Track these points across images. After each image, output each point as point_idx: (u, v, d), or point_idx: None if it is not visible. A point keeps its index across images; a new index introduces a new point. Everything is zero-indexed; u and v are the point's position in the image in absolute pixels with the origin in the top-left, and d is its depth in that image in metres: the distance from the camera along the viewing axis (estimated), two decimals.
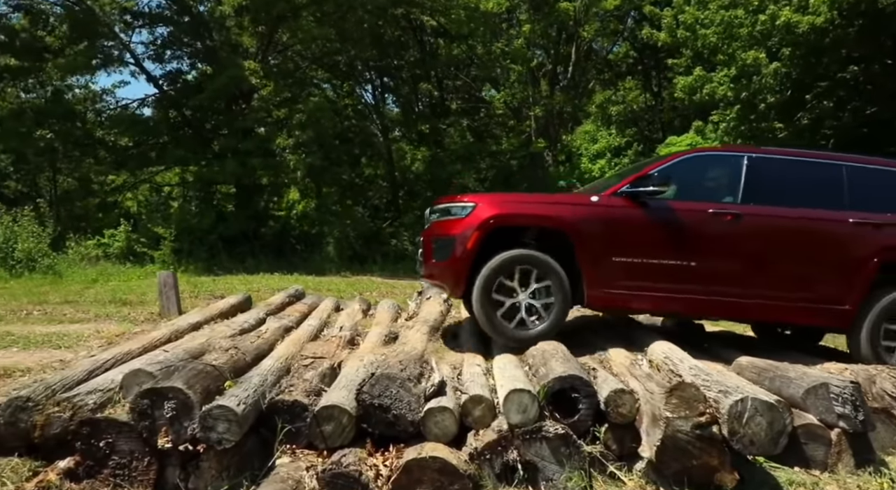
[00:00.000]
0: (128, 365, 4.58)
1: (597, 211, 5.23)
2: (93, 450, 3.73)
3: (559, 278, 5.09)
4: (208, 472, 3.79)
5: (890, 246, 5.32)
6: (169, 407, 3.71)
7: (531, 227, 5.31)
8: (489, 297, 5.07)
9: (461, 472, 3.72)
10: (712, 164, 5.83)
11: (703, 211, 5.29)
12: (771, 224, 5.32)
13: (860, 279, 5.26)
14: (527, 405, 3.82)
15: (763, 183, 5.43)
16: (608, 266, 5.19)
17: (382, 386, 4.08)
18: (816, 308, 5.36)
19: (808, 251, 5.33)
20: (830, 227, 5.36)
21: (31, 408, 3.88)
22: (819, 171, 5.65)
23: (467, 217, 5.18)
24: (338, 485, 3.65)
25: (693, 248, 5.24)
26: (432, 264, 5.46)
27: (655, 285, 5.27)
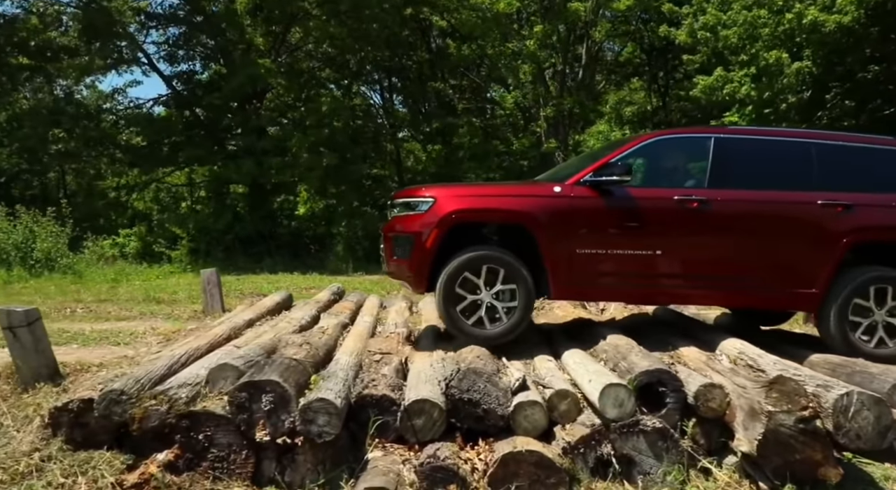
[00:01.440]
0: (206, 359, 4.59)
1: (559, 202, 5.05)
2: (192, 443, 3.74)
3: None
4: (304, 465, 3.80)
5: (860, 227, 5.13)
6: (267, 400, 3.72)
7: (493, 221, 5.20)
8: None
9: (557, 466, 3.73)
10: (678, 148, 5.61)
11: (668, 198, 5.12)
12: (738, 209, 5.15)
13: (829, 261, 5.10)
14: (623, 399, 3.83)
15: (731, 165, 5.27)
16: (573, 258, 5.04)
17: (470, 380, 4.09)
18: (786, 292, 5.23)
19: (776, 235, 5.17)
20: (799, 209, 5.18)
21: (124, 401, 3.88)
22: (788, 150, 5.45)
23: (427, 212, 5.02)
24: (437, 478, 3.66)
25: (659, 237, 5.10)
26: (394, 262, 5.31)
27: (622, 276, 5.17)
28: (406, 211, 5.21)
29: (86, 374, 4.77)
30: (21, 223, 17.54)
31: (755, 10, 15.18)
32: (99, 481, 3.68)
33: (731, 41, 16.08)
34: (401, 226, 5.20)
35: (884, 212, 5.22)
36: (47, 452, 3.86)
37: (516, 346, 5.27)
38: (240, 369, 4.21)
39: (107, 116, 22.93)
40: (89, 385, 4.28)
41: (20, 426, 4.11)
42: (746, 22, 15.25)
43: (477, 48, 27.97)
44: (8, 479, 3.65)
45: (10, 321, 4.38)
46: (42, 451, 3.87)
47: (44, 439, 3.98)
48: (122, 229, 21.81)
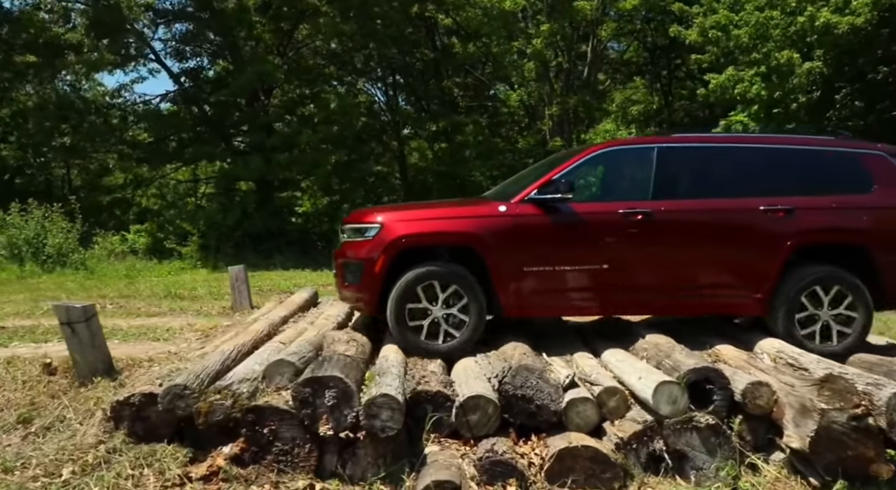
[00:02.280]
0: (258, 355, 4.68)
1: (504, 222, 5.06)
2: (257, 436, 3.84)
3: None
4: (364, 459, 3.90)
5: (802, 230, 5.15)
6: (330, 395, 3.82)
7: (440, 244, 5.19)
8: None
9: (612, 461, 3.84)
10: (622, 160, 5.61)
11: (613, 211, 5.12)
12: (682, 219, 5.17)
13: (773, 266, 5.13)
14: (676, 397, 3.94)
15: (674, 175, 5.31)
16: (521, 276, 5.06)
17: (523, 377, 4.20)
18: (734, 298, 5.27)
19: (720, 244, 5.21)
20: (741, 217, 5.20)
21: (187, 395, 3.98)
22: (729, 157, 5.49)
23: (374, 238, 5.04)
24: (496, 472, 3.77)
25: (606, 251, 5.10)
26: (345, 287, 5.34)
27: (571, 291, 5.20)
28: (355, 236, 5.24)
29: (138, 368, 4.86)
30: (33, 218, 17.59)
31: (767, 10, 15.25)
32: (166, 473, 3.77)
33: (742, 41, 16.16)
34: (351, 252, 5.23)
35: (825, 214, 5.25)
36: (111, 445, 3.96)
37: (555, 344, 5.37)
38: (296, 365, 4.30)
39: (114, 112, 22.92)
40: (146, 380, 4.38)
41: (82, 419, 4.19)
42: (758, 22, 15.32)
43: (482, 46, 28.04)
44: (79, 471, 3.74)
45: (69, 317, 4.47)
46: (106, 444, 3.97)
47: (106, 432, 4.08)
48: (131, 225, 21.83)
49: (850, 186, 5.36)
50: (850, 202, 5.28)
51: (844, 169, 5.44)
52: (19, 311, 8.01)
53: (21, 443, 4.00)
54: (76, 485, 3.66)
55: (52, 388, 4.48)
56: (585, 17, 25.87)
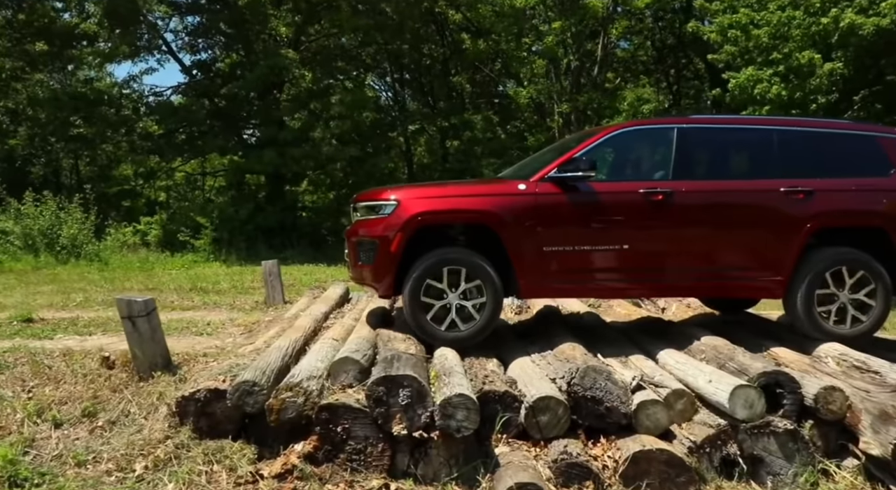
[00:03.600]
0: (317, 352, 4.64)
1: (524, 200, 4.96)
2: (330, 434, 3.81)
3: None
4: (436, 459, 3.87)
5: (821, 212, 5.14)
6: (404, 394, 3.79)
7: (458, 222, 5.11)
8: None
9: (687, 465, 3.81)
10: (642, 140, 5.58)
11: (633, 191, 5.06)
12: (703, 200, 5.14)
13: (793, 248, 5.11)
14: (753, 401, 3.91)
15: (694, 155, 5.29)
16: (540, 256, 4.97)
17: (591, 378, 4.16)
18: (753, 280, 5.25)
19: (740, 225, 5.18)
20: (762, 197, 5.17)
21: (256, 392, 3.94)
22: (749, 138, 5.49)
23: (390, 216, 4.90)
24: (572, 475, 3.74)
25: (626, 231, 5.05)
26: (359, 267, 5.19)
27: (591, 271, 5.13)
28: (369, 214, 5.12)
29: (194, 363, 4.82)
30: (48, 209, 17.54)
31: (789, 10, 15.19)
32: (238, 470, 3.74)
33: (762, 40, 16.10)
34: (364, 230, 5.11)
35: (844, 196, 5.24)
36: (178, 440, 3.93)
37: (605, 344, 5.33)
38: (360, 363, 4.27)
39: (127, 104, 22.82)
40: (208, 375, 4.34)
41: (146, 414, 4.16)
42: (780, 22, 15.26)
43: (492, 43, 27.97)
44: (151, 466, 3.72)
45: (130, 311, 4.43)
46: (173, 439, 3.94)
47: (171, 427, 4.04)
48: (143, 217, 21.77)
49: (868, 169, 5.36)
50: (869, 185, 5.28)
51: (863, 152, 5.44)
52: (52, 302, 7.97)
53: (89, 436, 3.97)
54: (150, 480, 3.64)
55: (113, 382, 4.44)
56: (596, 15, 25.83)
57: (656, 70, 32.47)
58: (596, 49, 27.68)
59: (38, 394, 4.28)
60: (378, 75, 31.78)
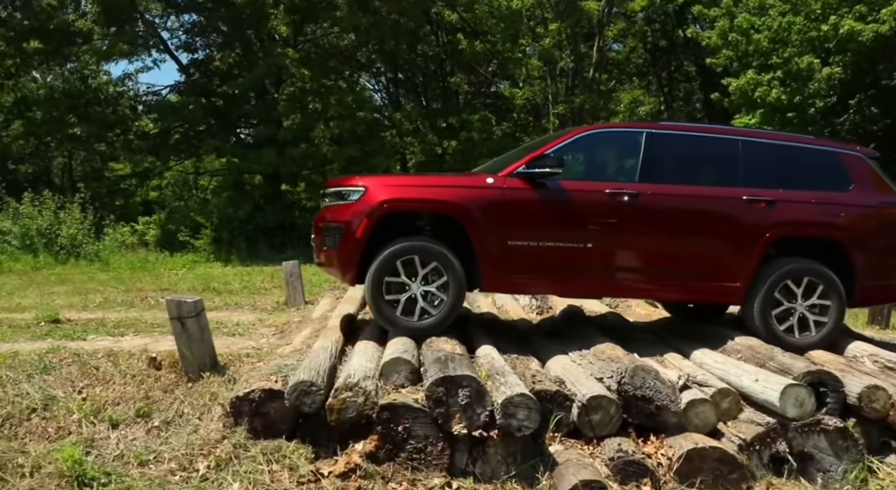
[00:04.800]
0: (362, 353, 4.66)
1: (491, 194, 5.01)
2: (391, 434, 3.85)
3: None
4: (494, 458, 3.93)
5: (781, 222, 5.25)
6: (463, 394, 3.84)
7: (424, 212, 5.14)
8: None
9: (739, 462, 3.90)
10: (611, 142, 5.66)
11: (600, 191, 5.13)
12: (667, 203, 5.22)
13: (752, 256, 5.20)
14: (804, 399, 4.01)
15: (661, 160, 5.35)
16: (504, 250, 5.00)
17: (641, 378, 4.24)
18: (711, 286, 5.33)
19: (702, 230, 5.29)
20: (724, 204, 5.28)
21: (314, 392, 3.97)
22: (716, 146, 5.58)
23: (357, 202, 4.93)
24: (629, 472, 3.81)
25: (590, 230, 5.11)
26: (324, 252, 5.21)
27: (553, 268, 5.16)
28: (337, 200, 5.14)
29: (240, 364, 4.84)
30: (46, 208, 17.39)
31: (790, 16, 15.41)
32: (300, 469, 3.78)
33: (762, 45, 16.32)
34: (331, 215, 5.12)
35: (804, 208, 5.35)
36: (235, 440, 3.95)
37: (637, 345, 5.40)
38: (412, 363, 4.32)
39: (125, 102, 22.68)
40: (259, 376, 4.36)
41: (200, 414, 4.18)
42: (780, 27, 15.48)
43: (489, 44, 28.08)
44: (213, 466, 3.74)
45: (180, 311, 4.44)
46: (230, 439, 3.96)
47: (226, 427, 4.07)
48: (141, 217, 21.65)
49: (829, 184, 5.49)
50: (829, 198, 5.39)
51: (825, 167, 5.58)
52: (72, 303, 7.94)
53: (146, 437, 3.98)
54: (213, 479, 3.67)
55: (162, 382, 4.45)
56: (591, 18, 26.03)
57: (648, 72, 32.78)
58: (589, 51, 27.88)
59: (90, 394, 4.28)
60: (372, 75, 31.82)
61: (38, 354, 4.81)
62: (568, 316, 6.63)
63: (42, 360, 4.69)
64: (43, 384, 4.36)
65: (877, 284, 5.43)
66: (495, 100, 32.37)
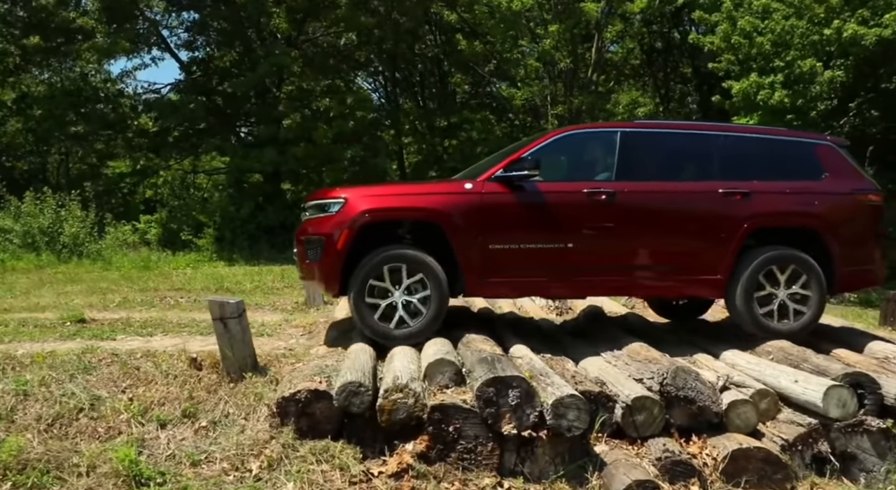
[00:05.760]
0: (402, 355, 4.69)
1: (470, 199, 5.06)
2: (442, 434, 3.89)
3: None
4: (542, 458, 3.97)
5: (758, 213, 5.34)
6: (513, 395, 3.88)
7: (404, 220, 5.18)
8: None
9: (783, 462, 3.96)
10: (587, 142, 5.72)
11: (577, 191, 5.20)
12: (644, 200, 5.31)
13: (731, 248, 5.28)
14: (846, 400, 4.07)
15: (637, 158, 5.42)
16: (485, 255, 5.05)
17: (682, 379, 4.29)
18: (693, 279, 5.41)
19: (681, 224, 5.37)
20: (701, 198, 5.36)
21: (362, 392, 4.00)
22: (690, 142, 5.70)
23: (337, 214, 4.97)
24: (677, 472, 3.87)
25: (570, 230, 5.18)
26: (306, 265, 5.23)
27: (536, 270, 5.21)
28: (318, 213, 5.17)
29: (277, 364, 4.85)
30: (47, 206, 17.29)
31: (793, 19, 15.53)
32: (351, 469, 3.80)
33: (764, 48, 16.43)
34: (312, 228, 5.15)
35: (779, 198, 5.45)
36: (283, 441, 3.97)
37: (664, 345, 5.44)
38: (455, 364, 4.35)
39: (126, 101, 22.58)
40: (302, 376, 4.37)
41: (246, 414, 4.19)
42: (783, 30, 15.60)
43: (488, 45, 28.14)
44: (265, 465, 3.76)
45: (223, 312, 4.45)
46: (278, 439, 3.98)
47: (272, 428, 4.08)
48: (142, 216, 21.56)
49: (803, 173, 5.59)
50: (803, 188, 5.50)
51: (798, 157, 5.69)
52: (91, 303, 7.92)
53: (194, 437, 4.00)
54: (267, 479, 3.69)
55: (205, 383, 4.45)
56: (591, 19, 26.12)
57: (645, 73, 32.92)
58: (586, 52, 27.97)
59: (134, 395, 4.29)
60: (370, 74, 31.80)
61: (75, 354, 4.80)
62: (591, 316, 6.69)
63: (81, 361, 4.68)
64: (86, 384, 4.36)
65: (853, 270, 5.54)
66: (493, 100, 32.43)
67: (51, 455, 3.62)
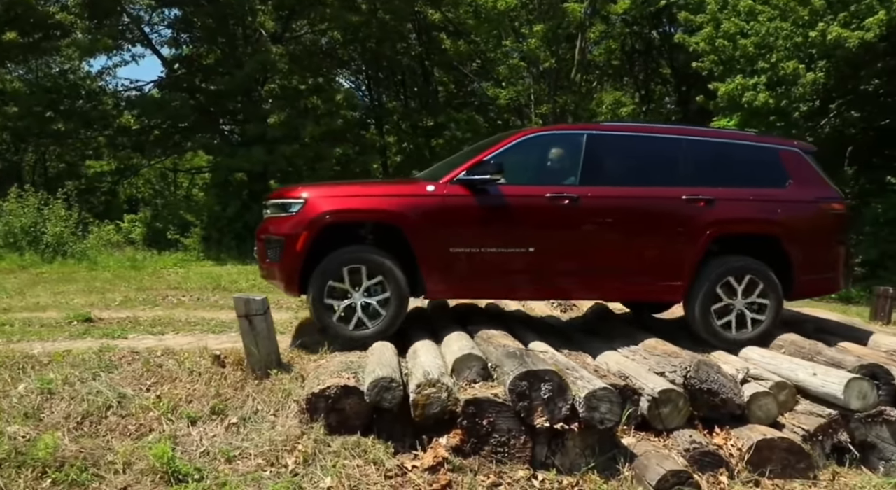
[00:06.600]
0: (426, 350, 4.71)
1: (432, 201, 5.03)
2: (476, 428, 3.92)
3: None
4: (573, 450, 4.03)
5: (720, 220, 5.32)
6: (546, 388, 3.92)
7: (364, 221, 5.14)
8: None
9: (806, 452, 4.07)
10: (552, 145, 5.60)
11: (540, 195, 5.16)
12: (607, 205, 5.26)
13: (693, 254, 5.28)
14: (866, 392, 4.18)
15: (601, 162, 5.39)
16: (446, 258, 5.04)
17: (705, 372, 4.38)
18: (655, 285, 5.41)
19: (644, 230, 5.33)
20: (665, 204, 5.34)
21: (394, 388, 4.02)
22: (656, 146, 5.63)
23: (297, 214, 4.95)
24: (705, 463, 3.95)
25: (533, 234, 5.14)
26: (266, 264, 5.24)
27: (497, 273, 5.18)
28: (278, 212, 5.15)
29: (300, 361, 4.85)
30: (29, 206, 16.98)
31: (777, 21, 15.80)
32: (385, 463, 3.82)
33: (748, 50, 16.70)
34: (272, 227, 5.14)
35: (743, 205, 5.46)
36: (315, 436, 3.98)
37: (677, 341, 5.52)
38: (482, 359, 4.39)
39: (106, 98, 22.23)
40: (328, 372, 4.38)
41: (275, 411, 4.19)
42: (768, 32, 15.87)
43: (472, 44, 28.22)
44: (301, 461, 3.77)
45: (248, 309, 4.44)
46: (309, 435, 3.99)
47: (302, 423, 4.09)
48: (126, 215, 21.26)
49: (767, 180, 5.60)
50: (766, 195, 5.50)
51: (763, 163, 5.67)
52: (92, 302, 7.82)
53: (226, 433, 3.98)
54: (304, 474, 3.70)
55: (230, 380, 4.44)
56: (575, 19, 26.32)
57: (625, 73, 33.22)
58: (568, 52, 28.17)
59: (161, 392, 4.27)
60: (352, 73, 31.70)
61: (94, 353, 4.76)
62: (599, 314, 6.78)
63: (102, 359, 4.64)
64: (110, 382, 4.32)
65: (813, 278, 5.55)
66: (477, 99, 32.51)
67: (86, 452, 3.59)
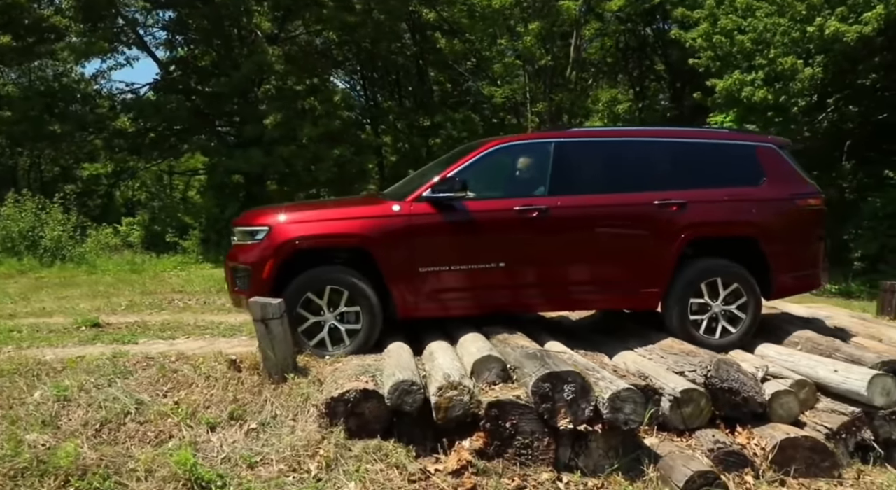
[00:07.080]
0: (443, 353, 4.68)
1: (398, 222, 4.94)
2: (499, 430, 3.89)
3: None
4: (596, 451, 4.00)
5: (694, 223, 5.23)
6: (569, 390, 3.89)
7: (331, 246, 5.05)
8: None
9: (830, 450, 4.05)
10: (520, 155, 5.47)
11: (508, 209, 5.06)
12: (577, 215, 5.15)
13: (668, 260, 5.19)
14: (890, 388, 4.17)
15: (570, 170, 5.25)
16: (415, 278, 4.94)
17: (725, 371, 4.36)
18: (632, 292, 5.32)
19: (616, 238, 5.24)
20: (636, 211, 5.24)
21: (415, 391, 3.98)
22: (626, 150, 5.52)
23: (262, 241, 4.89)
24: (730, 462, 3.93)
25: (503, 249, 5.04)
26: (235, 293, 5.16)
27: (469, 291, 5.08)
28: (245, 239, 5.09)
29: (315, 364, 4.80)
30: (27, 210, 16.88)
31: (775, 17, 15.81)
32: (408, 467, 3.79)
33: (745, 46, 16.71)
34: (240, 256, 5.08)
35: (716, 207, 5.36)
36: (335, 441, 3.94)
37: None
38: (502, 360, 4.36)
39: (102, 101, 22.11)
40: (346, 376, 4.34)
41: (294, 415, 4.14)
42: (765, 28, 15.88)
43: (467, 43, 28.21)
44: (323, 466, 3.73)
45: (265, 313, 4.39)
46: (329, 440, 3.95)
47: (322, 428, 4.05)
48: (124, 218, 21.15)
49: (741, 179, 5.48)
50: (741, 195, 5.39)
51: (738, 161, 5.55)
52: (97, 307, 7.76)
53: (246, 439, 3.94)
54: (327, 479, 3.66)
55: (247, 384, 4.39)
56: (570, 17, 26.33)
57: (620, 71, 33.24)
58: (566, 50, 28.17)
59: (178, 398, 4.22)
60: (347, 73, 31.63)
61: (108, 359, 4.71)
62: (610, 314, 6.74)
63: (116, 365, 4.59)
64: (126, 388, 4.27)
65: (792, 276, 5.47)
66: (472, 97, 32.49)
67: (106, 460, 3.54)
